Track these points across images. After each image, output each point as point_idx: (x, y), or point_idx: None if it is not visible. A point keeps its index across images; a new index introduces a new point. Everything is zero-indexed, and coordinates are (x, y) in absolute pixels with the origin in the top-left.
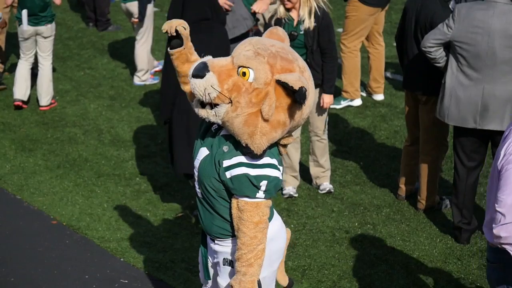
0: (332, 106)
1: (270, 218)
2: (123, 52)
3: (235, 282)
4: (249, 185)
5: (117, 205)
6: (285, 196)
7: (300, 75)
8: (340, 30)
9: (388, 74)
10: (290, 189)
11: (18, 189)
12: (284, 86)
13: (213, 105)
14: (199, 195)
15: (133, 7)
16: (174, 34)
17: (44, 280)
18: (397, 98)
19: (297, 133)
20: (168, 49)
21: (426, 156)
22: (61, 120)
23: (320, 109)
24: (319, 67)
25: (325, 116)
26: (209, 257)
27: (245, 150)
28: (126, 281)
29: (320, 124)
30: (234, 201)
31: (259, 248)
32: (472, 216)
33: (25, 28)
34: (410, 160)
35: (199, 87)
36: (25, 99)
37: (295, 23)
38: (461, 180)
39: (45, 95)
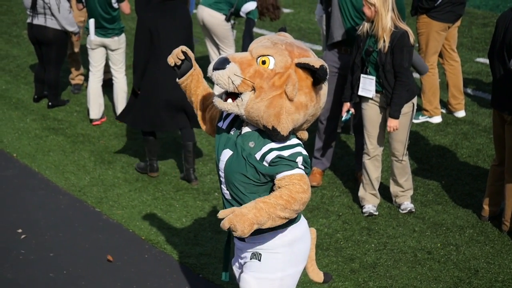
0: None
1: (297, 220)
2: (202, 65)
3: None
4: (287, 162)
5: (196, 219)
6: (365, 214)
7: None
8: None
9: (469, 91)
10: (370, 207)
11: (98, 202)
12: (304, 67)
13: (236, 96)
14: (228, 196)
15: None
16: (183, 57)
17: None
18: (479, 115)
19: (376, 151)
20: (178, 79)
21: (511, 177)
22: (139, 133)
23: (398, 132)
24: (391, 88)
25: (403, 138)
26: (237, 259)
27: (273, 134)
28: None
29: (398, 146)
30: (278, 183)
31: (295, 208)
32: None
33: (92, 38)
34: (496, 181)
35: (222, 76)
36: (100, 116)
37: (375, 38)
38: None
39: (122, 107)
